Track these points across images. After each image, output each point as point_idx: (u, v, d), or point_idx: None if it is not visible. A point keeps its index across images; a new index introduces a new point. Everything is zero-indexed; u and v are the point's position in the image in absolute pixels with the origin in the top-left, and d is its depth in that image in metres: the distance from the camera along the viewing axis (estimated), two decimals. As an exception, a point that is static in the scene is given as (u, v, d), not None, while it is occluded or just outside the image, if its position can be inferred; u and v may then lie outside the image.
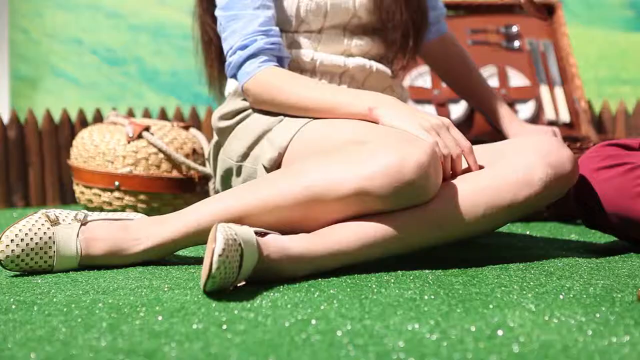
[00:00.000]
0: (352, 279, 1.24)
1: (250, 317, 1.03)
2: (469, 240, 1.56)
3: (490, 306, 1.07)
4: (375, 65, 1.60)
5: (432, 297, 1.12)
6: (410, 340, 0.92)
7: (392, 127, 1.38)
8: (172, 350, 0.89)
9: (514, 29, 2.44)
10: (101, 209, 1.81)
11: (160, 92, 3.06)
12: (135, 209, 1.80)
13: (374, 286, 1.20)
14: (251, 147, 1.52)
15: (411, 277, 1.26)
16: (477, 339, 0.92)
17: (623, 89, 2.98)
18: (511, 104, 2.31)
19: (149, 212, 1.79)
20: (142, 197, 1.80)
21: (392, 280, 1.23)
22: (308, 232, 1.31)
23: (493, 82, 2.32)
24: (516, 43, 2.42)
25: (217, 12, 1.55)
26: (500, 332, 0.94)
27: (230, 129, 1.57)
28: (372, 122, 1.42)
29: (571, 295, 1.12)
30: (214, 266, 1.10)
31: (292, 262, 1.24)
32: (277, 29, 1.53)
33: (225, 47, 1.54)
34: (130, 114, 2.56)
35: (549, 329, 0.96)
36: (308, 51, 1.58)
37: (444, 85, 2.29)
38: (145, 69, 3.13)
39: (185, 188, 1.83)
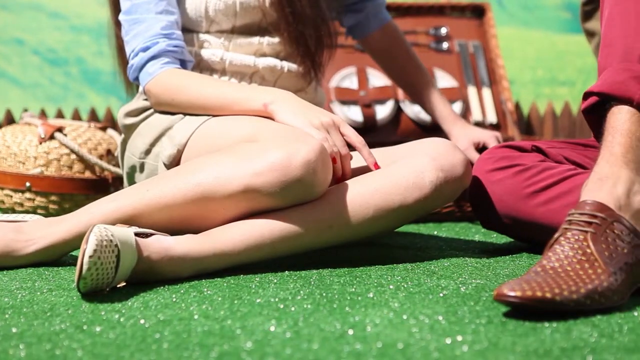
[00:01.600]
0: (235, 280, 1.25)
1: (114, 319, 1.03)
2: (369, 240, 1.57)
3: (357, 306, 1.08)
4: (287, 65, 1.61)
5: (305, 297, 1.13)
6: (259, 341, 0.93)
7: (284, 123, 1.39)
8: (18, 353, 0.89)
9: (443, 30, 2.46)
10: (13, 210, 1.81)
11: (102, 92, 3.05)
12: (47, 210, 1.80)
13: (254, 286, 1.20)
14: (153, 144, 1.53)
15: (295, 278, 1.26)
16: (325, 338, 0.93)
17: (560, 90, 3.02)
18: (438, 105, 2.32)
19: (61, 213, 1.78)
20: (53, 198, 1.80)
21: (275, 281, 1.24)
22: (203, 231, 1.32)
23: (420, 83, 2.34)
24: (445, 44, 2.44)
25: (120, 17, 1.56)
26: (350, 332, 0.95)
27: (135, 126, 1.58)
28: (268, 118, 1.43)
29: (440, 295, 1.13)
30: (85, 267, 1.11)
31: (174, 263, 1.25)
32: (179, 33, 1.54)
33: (128, 49, 1.55)
34: (60, 115, 2.56)
35: (401, 328, 0.97)
36: (218, 51, 1.58)
37: (370, 86, 2.31)
38: (87, 69, 3.13)
39: (98, 189, 1.83)
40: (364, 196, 1.35)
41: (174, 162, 1.48)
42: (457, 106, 2.32)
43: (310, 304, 1.10)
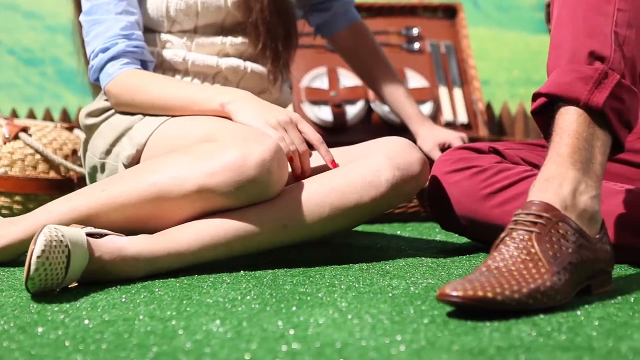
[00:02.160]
0: (189, 280, 1.25)
1: (59, 319, 1.03)
2: (330, 240, 1.58)
3: (305, 306, 1.08)
4: (251, 66, 1.60)
5: (255, 297, 1.14)
6: (199, 342, 0.93)
7: (242, 123, 1.39)
8: (-44, 353, 0.89)
9: (415, 31, 2.47)
10: (-23, 211, 1.81)
11: (78, 93, 3.05)
12: (11, 210, 1.80)
13: (206, 287, 1.21)
14: (113, 144, 1.53)
15: (249, 278, 1.27)
16: (265, 339, 0.93)
17: (535, 91, 3.02)
18: (409, 106, 2.32)
19: (25, 213, 1.78)
20: (17, 198, 1.80)
21: (228, 281, 1.24)
22: (160, 231, 1.32)
23: (391, 84, 2.34)
24: (416, 45, 2.45)
25: (81, 18, 1.56)
26: (292, 332, 0.96)
27: (96, 126, 1.58)
28: (226, 118, 1.43)
29: (390, 295, 1.13)
30: (32, 268, 1.11)
31: (127, 263, 1.25)
32: (140, 33, 1.53)
33: (88, 50, 1.55)
34: (31, 115, 2.55)
35: (344, 327, 0.97)
36: (180, 51, 1.58)
37: (340, 86, 2.31)
38: (63, 69, 3.12)
39: (63, 189, 1.83)
40: (320, 195, 1.35)
41: (134, 162, 1.48)
42: (429, 106, 2.33)
43: (258, 304, 1.10)
